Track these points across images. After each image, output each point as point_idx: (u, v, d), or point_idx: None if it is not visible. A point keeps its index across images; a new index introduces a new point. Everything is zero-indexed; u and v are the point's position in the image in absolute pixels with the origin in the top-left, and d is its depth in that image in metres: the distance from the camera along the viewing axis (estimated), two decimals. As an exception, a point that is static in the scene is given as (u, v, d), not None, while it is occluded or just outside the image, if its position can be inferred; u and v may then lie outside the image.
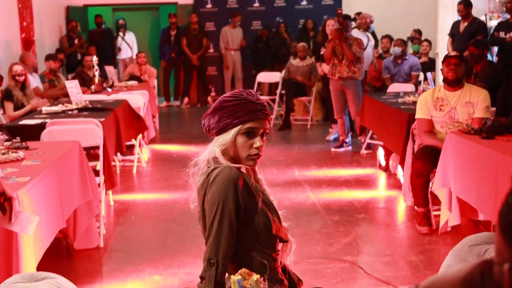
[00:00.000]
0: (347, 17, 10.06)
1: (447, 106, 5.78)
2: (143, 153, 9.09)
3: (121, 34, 14.92)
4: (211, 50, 15.17)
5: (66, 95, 8.20)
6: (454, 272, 1.08)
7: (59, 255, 5.29)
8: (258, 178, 2.73)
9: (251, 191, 2.54)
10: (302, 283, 2.73)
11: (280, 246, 2.65)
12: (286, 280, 2.60)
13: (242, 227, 2.50)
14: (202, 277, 2.42)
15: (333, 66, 9.31)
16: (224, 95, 2.62)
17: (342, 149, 9.51)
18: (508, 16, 9.80)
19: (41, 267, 3.76)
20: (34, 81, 9.13)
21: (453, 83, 5.78)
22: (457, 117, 5.75)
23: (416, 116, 5.99)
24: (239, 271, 1.96)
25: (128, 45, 14.96)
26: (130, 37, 15.05)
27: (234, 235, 2.46)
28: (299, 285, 2.69)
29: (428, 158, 5.68)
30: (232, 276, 1.93)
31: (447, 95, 5.81)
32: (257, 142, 2.53)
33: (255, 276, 1.92)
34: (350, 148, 9.50)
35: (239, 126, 2.53)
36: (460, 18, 10.31)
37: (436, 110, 5.81)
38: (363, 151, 9.26)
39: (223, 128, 2.57)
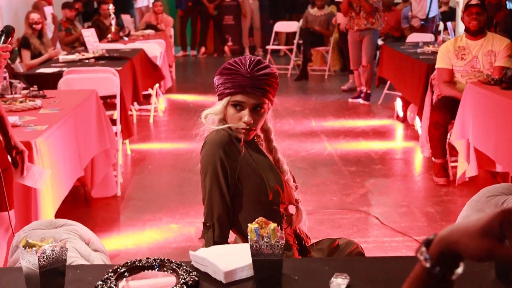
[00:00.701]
0: None
1: (468, 55, 5.71)
2: (159, 102, 9.10)
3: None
4: (225, -1, 15.00)
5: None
6: (473, 221, 1.08)
7: (77, 204, 5.34)
8: (272, 147, 2.66)
9: (237, 158, 2.48)
10: (309, 240, 2.72)
11: (290, 210, 2.61)
12: (296, 245, 2.61)
13: (236, 195, 2.49)
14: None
15: (351, 18, 9.19)
16: (229, 60, 2.56)
17: (359, 100, 9.45)
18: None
19: (59, 215, 3.80)
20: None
21: (475, 33, 5.69)
22: (478, 66, 5.68)
23: (437, 66, 5.93)
24: (256, 220, 1.96)
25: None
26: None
27: (225, 198, 2.45)
28: (307, 242, 2.68)
29: (446, 109, 5.63)
30: (249, 225, 1.94)
31: (469, 44, 5.73)
32: (245, 117, 2.46)
33: (272, 225, 1.92)
34: (366, 100, 9.40)
35: (228, 97, 2.49)
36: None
37: (457, 59, 5.74)
38: (380, 103, 9.19)
39: (219, 95, 2.54)
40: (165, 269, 2.02)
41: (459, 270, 1.12)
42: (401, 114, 8.17)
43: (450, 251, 1.10)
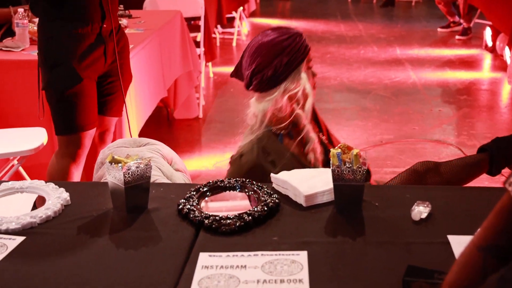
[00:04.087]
0: None
1: None
2: (243, 26, 9.06)
3: None
4: None
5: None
6: None
7: (160, 124, 5.42)
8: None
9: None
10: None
11: None
12: None
13: None
14: None
15: None
16: (274, 38, 2.31)
17: (449, 30, 9.18)
18: None
19: (142, 134, 3.87)
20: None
21: None
22: None
23: None
24: (339, 145, 1.94)
25: None
26: None
27: None
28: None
29: None
30: (331, 150, 1.92)
31: None
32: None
33: (355, 150, 1.90)
34: (459, 28, 9.08)
35: (303, 61, 2.37)
36: None
37: None
38: (458, 37, 8.83)
39: (290, 65, 2.35)
40: (246, 190, 2.03)
41: None
42: (490, 43, 7.91)
43: None
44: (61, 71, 2.99)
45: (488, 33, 7.99)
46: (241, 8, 8.67)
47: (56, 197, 1.92)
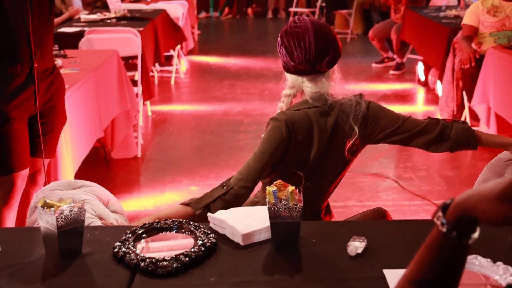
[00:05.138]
0: None
1: (501, 13, 5.68)
2: (181, 64, 9.07)
3: None
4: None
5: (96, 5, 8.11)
6: (490, 186, 1.06)
7: (97, 165, 5.35)
8: None
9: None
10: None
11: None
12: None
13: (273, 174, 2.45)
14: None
15: None
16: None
17: (383, 65, 9.35)
18: None
19: (79, 176, 3.81)
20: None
21: None
22: (508, 26, 5.64)
23: (463, 22, 5.86)
24: (275, 182, 1.95)
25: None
26: None
27: (260, 169, 2.36)
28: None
29: (477, 63, 5.57)
30: (267, 187, 1.92)
31: (502, 4, 5.70)
32: None
33: (291, 188, 1.90)
34: (393, 63, 9.26)
35: None
36: None
37: (489, 15, 5.68)
38: (392, 72, 8.98)
39: None
40: (183, 230, 2.01)
41: (476, 235, 1.11)
42: (422, 78, 8.09)
43: (467, 216, 1.08)
44: None
45: (420, 67, 8.18)
46: (179, 46, 8.68)
47: (-14, 244, 1.87)
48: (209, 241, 1.91)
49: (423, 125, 2.48)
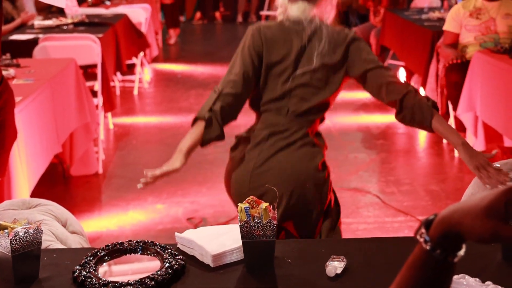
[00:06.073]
0: None
1: (485, 15, 5.67)
2: (145, 72, 9.05)
3: None
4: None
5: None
6: (476, 200, 1.07)
7: (55, 182, 5.32)
8: None
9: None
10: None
11: None
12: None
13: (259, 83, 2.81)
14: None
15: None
16: None
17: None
18: None
19: (35, 194, 3.79)
20: None
21: None
22: (493, 28, 5.65)
23: (444, 28, 5.90)
24: (247, 199, 1.95)
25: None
26: None
27: (242, 72, 2.74)
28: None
29: (461, 70, 5.61)
30: (239, 204, 1.93)
31: (485, 5, 5.70)
32: None
33: (264, 204, 1.91)
34: None
35: None
36: None
37: (472, 18, 5.69)
38: None
39: None
40: (148, 252, 2.01)
41: (461, 252, 1.11)
42: (404, 85, 8.15)
43: (451, 233, 1.09)
44: None
45: (402, 74, 8.24)
46: (142, 53, 8.68)
47: None
48: (177, 263, 1.91)
49: (391, 83, 2.78)
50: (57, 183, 5.31)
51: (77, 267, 1.88)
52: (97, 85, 5.99)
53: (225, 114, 2.73)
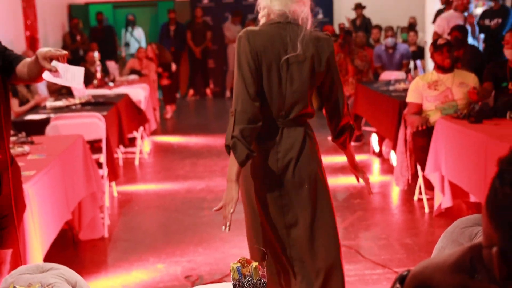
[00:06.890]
0: (348, 32, 9.54)
1: (442, 86, 5.77)
2: (144, 145, 9.08)
3: (130, 29, 14.85)
4: (210, 44, 15.03)
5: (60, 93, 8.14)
6: (445, 256, 1.07)
7: (65, 246, 5.28)
8: None
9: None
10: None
11: None
12: None
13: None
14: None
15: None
16: None
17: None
18: (492, 4, 9.81)
19: (47, 258, 3.75)
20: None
21: (448, 69, 5.80)
22: (451, 97, 5.73)
23: (407, 100, 5.99)
24: (238, 259, 1.94)
25: (136, 40, 14.87)
26: (138, 32, 14.95)
27: (248, 86, 2.73)
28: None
29: (427, 135, 5.68)
30: (231, 264, 1.91)
31: (441, 78, 5.81)
32: None
33: (254, 263, 1.90)
34: (358, 141, 9.35)
35: None
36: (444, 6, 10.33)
37: (430, 89, 5.78)
38: (353, 143, 9.10)
39: None
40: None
41: None
42: (377, 149, 8.20)
43: (424, 287, 1.08)
44: None
45: (374, 139, 8.29)
46: (142, 128, 8.72)
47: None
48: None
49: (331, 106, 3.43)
50: (67, 248, 5.26)
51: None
52: (102, 158, 6.00)
53: (246, 134, 2.71)
